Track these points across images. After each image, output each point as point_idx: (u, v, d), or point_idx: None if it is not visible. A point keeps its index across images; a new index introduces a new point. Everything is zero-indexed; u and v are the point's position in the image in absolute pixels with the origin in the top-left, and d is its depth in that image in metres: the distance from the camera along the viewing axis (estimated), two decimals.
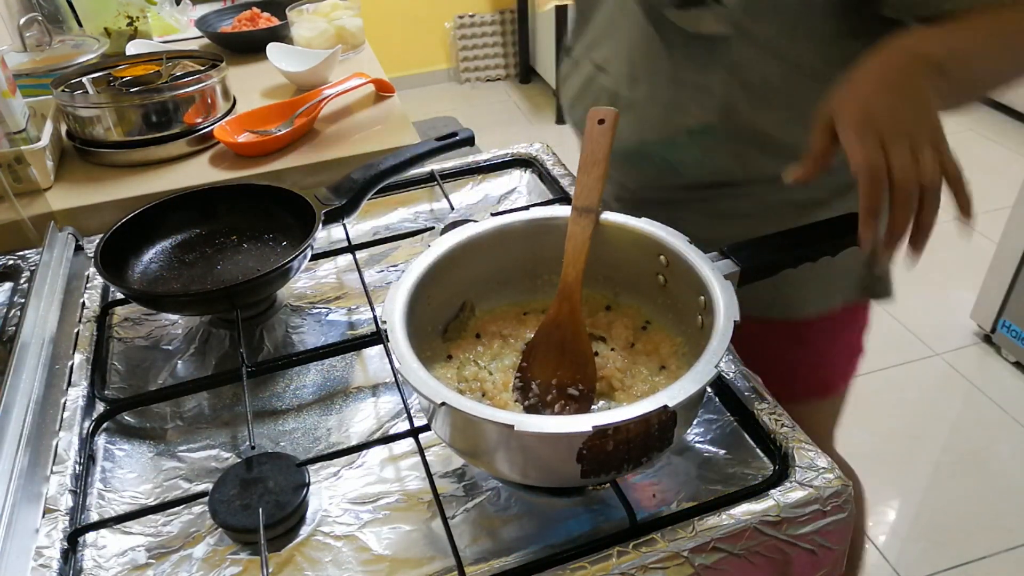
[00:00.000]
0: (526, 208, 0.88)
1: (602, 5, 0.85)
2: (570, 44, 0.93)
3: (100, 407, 0.71)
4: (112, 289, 0.85)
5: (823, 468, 0.59)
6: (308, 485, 0.60)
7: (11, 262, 0.91)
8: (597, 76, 0.84)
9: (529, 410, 0.61)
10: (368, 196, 0.87)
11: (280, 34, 1.58)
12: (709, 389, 0.68)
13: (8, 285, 0.89)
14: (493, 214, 0.71)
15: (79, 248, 0.95)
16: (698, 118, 0.77)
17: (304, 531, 0.59)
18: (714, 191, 0.83)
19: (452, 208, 0.96)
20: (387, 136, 1.24)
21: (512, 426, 0.49)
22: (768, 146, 0.77)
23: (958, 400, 1.93)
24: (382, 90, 1.39)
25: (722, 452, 0.63)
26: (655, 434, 0.54)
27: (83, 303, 0.84)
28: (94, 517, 0.62)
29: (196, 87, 1.21)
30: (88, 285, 0.87)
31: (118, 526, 0.61)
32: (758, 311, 0.83)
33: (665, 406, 0.49)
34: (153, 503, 0.62)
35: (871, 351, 0.97)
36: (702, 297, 0.60)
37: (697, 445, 0.64)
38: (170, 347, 0.80)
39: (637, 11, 0.77)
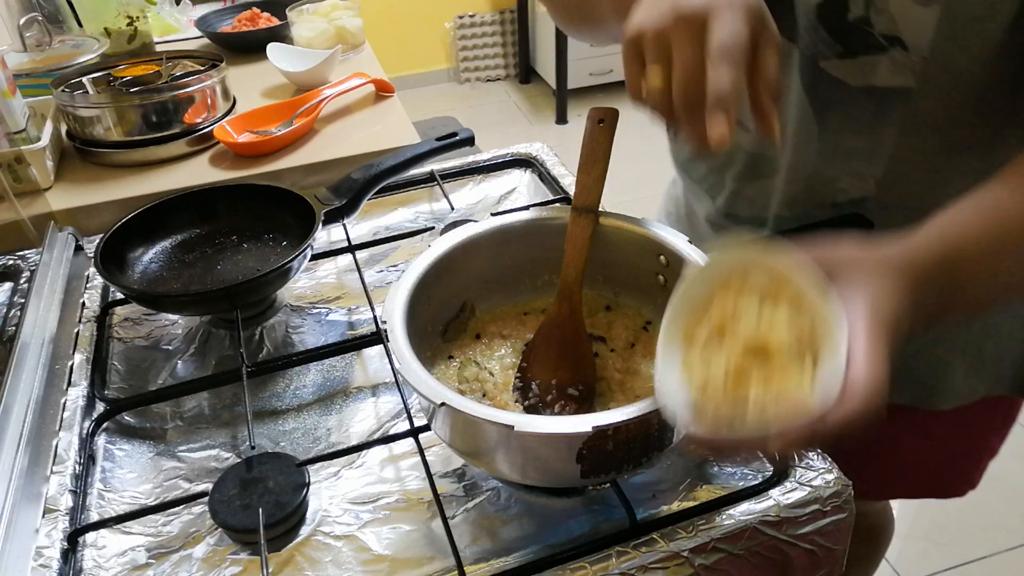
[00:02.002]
0: (526, 208, 0.88)
1: None
2: None
3: (100, 407, 0.71)
4: (112, 289, 0.85)
5: (823, 468, 0.59)
6: (308, 485, 0.60)
7: (11, 262, 0.91)
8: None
9: (529, 410, 0.61)
10: (368, 196, 0.87)
11: (280, 34, 1.58)
12: None
13: (8, 285, 0.89)
14: (493, 214, 0.71)
15: (79, 248, 0.95)
16: (852, 189, 0.66)
17: (304, 531, 0.59)
18: None
19: (452, 208, 0.96)
20: (387, 136, 1.24)
21: (512, 426, 0.49)
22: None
23: None
24: (382, 90, 1.39)
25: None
26: (655, 434, 0.54)
27: (83, 303, 0.84)
28: (94, 517, 0.62)
29: (196, 87, 1.20)
30: (88, 285, 0.87)
31: (118, 526, 0.61)
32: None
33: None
34: (153, 503, 0.62)
35: None
36: None
37: None
38: (170, 347, 0.80)
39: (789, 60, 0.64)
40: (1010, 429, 0.84)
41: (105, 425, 0.70)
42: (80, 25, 1.54)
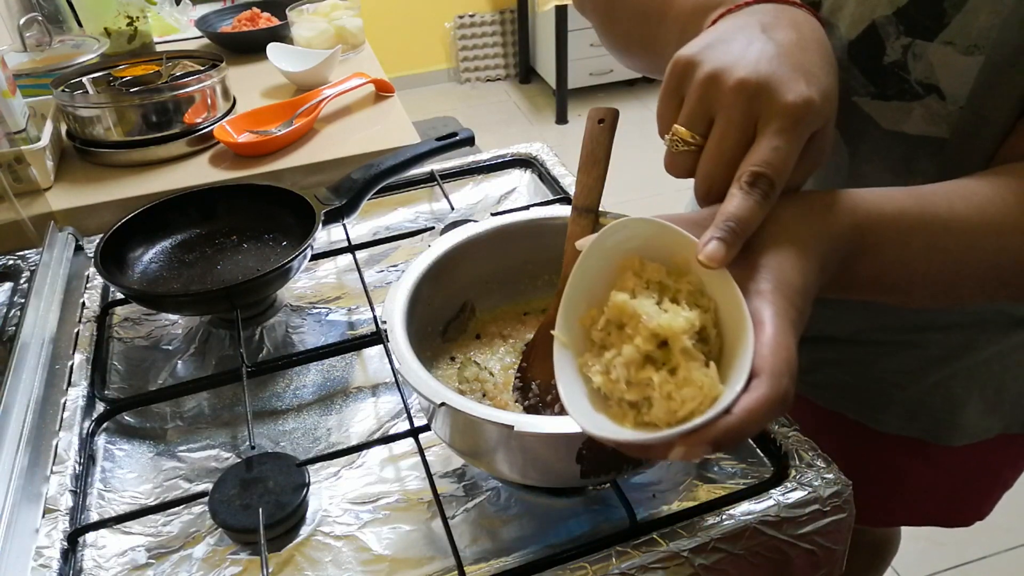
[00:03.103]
0: (526, 208, 0.88)
1: None
2: None
3: (100, 407, 0.71)
4: (112, 289, 0.85)
5: (823, 468, 0.59)
6: (308, 485, 0.60)
7: (11, 262, 0.91)
8: None
9: (529, 410, 0.61)
10: (368, 196, 0.87)
11: (280, 34, 1.58)
12: None
13: (8, 285, 0.89)
14: (493, 214, 0.71)
15: (79, 248, 0.95)
16: None
17: (304, 531, 0.59)
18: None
19: (452, 208, 0.96)
20: (387, 136, 1.24)
21: (512, 426, 0.49)
22: None
23: None
24: (382, 90, 1.39)
25: (722, 452, 0.63)
26: None
27: (83, 303, 0.84)
28: (94, 517, 0.62)
29: (196, 87, 1.21)
30: (88, 285, 0.87)
31: (118, 526, 0.61)
32: (895, 427, 0.72)
33: None
34: (153, 503, 0.62)
35: None
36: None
37: None
38: (170, 347, 0.80)
39: None
40: None
41: (105, 425, 0.70)
42: (80, 25, 1.54)
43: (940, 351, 0.70)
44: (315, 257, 0.89)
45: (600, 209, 0.66)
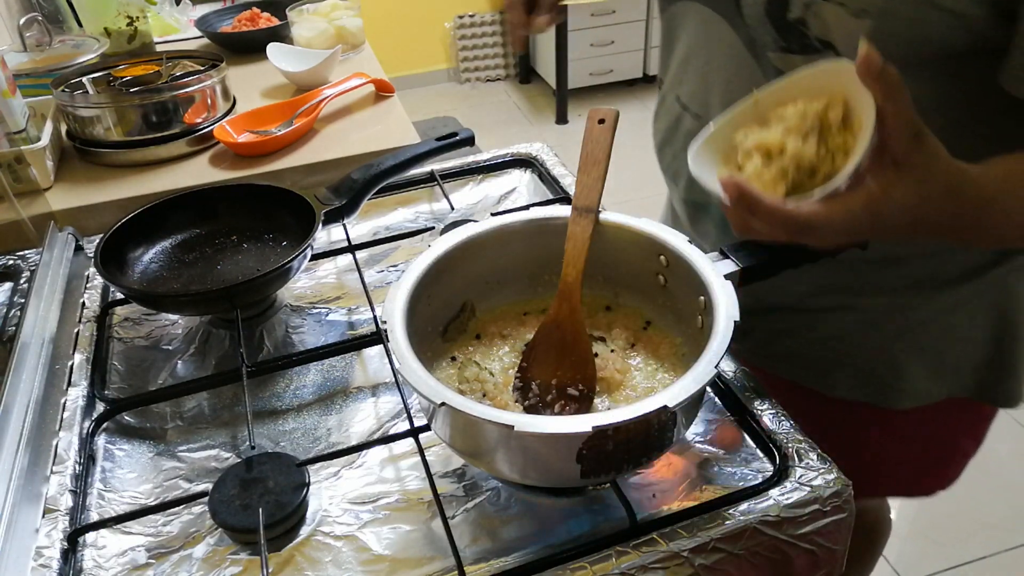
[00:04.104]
0: (526, 208, 0.88)
1: (683, 29, 0.75)
2: (660, 75, 0.83)
3: (100, 407, 0.71)
4: (112, 289, 0.85)
5: (823, 468, 0.59)
6: (308, 485, 0.60)
7: (11, 262, 0.91)
8: (684, 117, 0.76)
9: (529, 410, 0.61)
10: (368, 196, 0.87)
11: (280, 34, 1.58)
12: (709, 389, 0.68)
13: (8, 285, 0.89)
14: (493, 214, 0.71)
15: (79, 248, 0.95)
16: None
17: (304, 531, 0.59)
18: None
19: (452, 208, 0.96)
20: (387, 136, 1.24)
21: (512, 426, 0.49)
22: None
23: None
24: (382, 90, 1.39)
25: (722, 452, 0.63)
26: (655, 434, 0.54)
27: (83, 303, 0.84)
28: (94, 517, 0.62)
29: (196, 87, 1.21)
30: (88, 285, 0.87)
31: (118, 526, 0.61)
32: (844, 391, 0.78)
33: (665, 406, 0.49)
34: (153, 503, 0.62)
35: None
36: (702, 297, 0.60)
37: (697, 445, 0.64)
38: (170, 347, 0.80)
39: (734, 39, 0.67)
40: (984, 432, 0.85)
41: (105, 425, 0.70)
42: (80, 25, 1.54)
43: (876, 314, 0.74)
44: (315, 257, 0.89)
45: (600, 209, 0.66)
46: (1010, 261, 0.72)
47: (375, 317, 0.78)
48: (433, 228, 0.93)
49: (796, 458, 0.60)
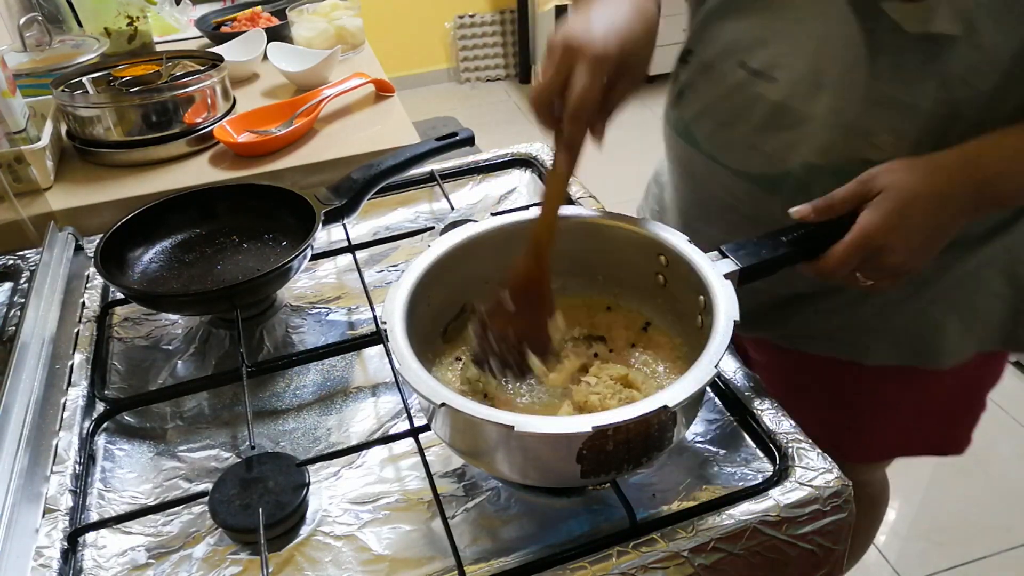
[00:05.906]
0: (526, 208, 0.87)
1: None
2: (691, 47, 0.78)
3: (100, 407, 0.71)
4: (112, 289, 0.85)
5: (823, 468, 0.59)
6: (308, 485, 0.60)
7: (11, 262, 0.91)
8: (753, 83, 0.71)
9: (495, 373, 0.61)
10: (368, 196, 0.87)
11: (280, 34, 1.58)
12: (709, 389, 0.68)
13: (8, 285, 0.89)
14: (493, 214, 0.71)
15: (79, 248, 0.95)
16: (887, 146, 0.65)
17: (304, 531, 0.59)
18: None
19: (452, 208, 0.96)
20: (387, 136, 1.24)
21: (512, 427, 0.49)
22: None
23: None
24: (382, 90, 1.39)
25: (722, 452, 0.63)
26: (655, 434, 0.54)
27: (83, 303, 0.84)
28: (94, 517, 0.62)
29: (196, 87, 1.20)
30: (88, 285, 0.87)
31: (118, 526, 0.61)
32: (883, 357, 0.79)
33: (665, 406, 0.49)
34: (153, 503, 0.62)
35: None
36: (702, 297, 0.60)
37: (697, 445, 0.64)
38: (170, 347, 0.80)
39: (839, 1, 0.64)
40: (997, 383, 0.88)
41: (105, 425, 0.70)
42: (80, 25, 1.54)
43: (917, 280, 0.75)
44: (315, 257, 0.89)
45: (600, 209, 0.66)
46: None
47: (375, 317, 0.78)
48: (433, 228, 0.93)
49: (796, 458, 0.60)
